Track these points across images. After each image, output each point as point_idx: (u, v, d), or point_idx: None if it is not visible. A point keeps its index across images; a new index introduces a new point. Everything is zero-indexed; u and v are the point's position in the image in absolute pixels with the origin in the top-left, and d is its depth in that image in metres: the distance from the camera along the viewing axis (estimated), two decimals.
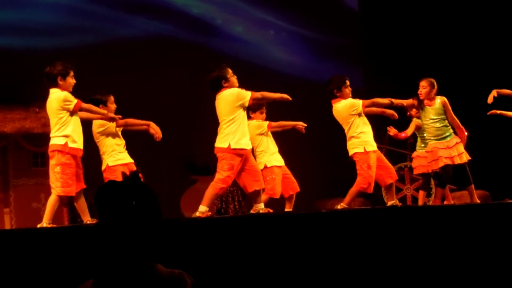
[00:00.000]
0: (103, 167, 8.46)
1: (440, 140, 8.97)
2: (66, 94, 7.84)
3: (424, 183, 9.78)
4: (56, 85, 7.90)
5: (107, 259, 2.75)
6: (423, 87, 9.12)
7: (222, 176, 8.07)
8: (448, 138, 8.99)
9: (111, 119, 8.30)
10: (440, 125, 9.04)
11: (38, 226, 7.76)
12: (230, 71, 8.28)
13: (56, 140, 7.82)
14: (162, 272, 2.80)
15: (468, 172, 9.08)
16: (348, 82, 8.94)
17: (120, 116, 8.35)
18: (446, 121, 9.07)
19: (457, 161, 8.94)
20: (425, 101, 9.08)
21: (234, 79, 8.28)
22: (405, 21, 14.41)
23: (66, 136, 7.78)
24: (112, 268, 2.75)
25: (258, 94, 8.28)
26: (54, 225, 7.86)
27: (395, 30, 14.43)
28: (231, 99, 8.12)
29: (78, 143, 7.89)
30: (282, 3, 14.57)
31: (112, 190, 2.78)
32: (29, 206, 11.42)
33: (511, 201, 8.70)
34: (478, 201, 9.23)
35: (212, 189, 8.07)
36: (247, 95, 8.15)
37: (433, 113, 9.04)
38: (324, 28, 14.75)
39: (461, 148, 9.00)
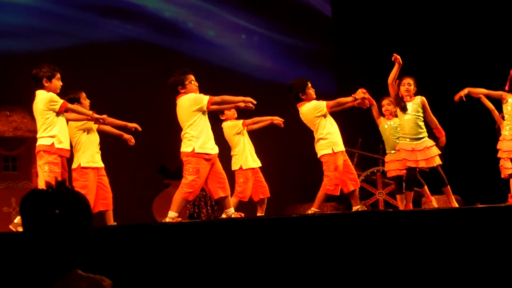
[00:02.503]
0: (75, 165, 8.41)
1: (413, 140, 8.96)
2: (52, 95, 7.84)
3: (398, 187, 9.79)
4: (42, 87, 7.89)
5: (29, 265, 2.73)
6: (410, 84, 9.10)
7: (187, 180, 8.00)
8: (420, 141, 8.96)
9: (97, 120, 8.29)
10: (414, 125, 9.00)
11: (15, 221, 7.71)
12: (190, 77, 8.16)
13: (42, 140, 7.82)
14: (80, 277, 2.76)
15: (442, 174, 9.08)
16: (310, 84, 8.97)
17: (105, 115, 8.31)
18: (422, 122, 9.08)
19: (422, 164, 8.95)
20: (406, 98, 9.06)
21: (192, 86, 8.16)
22: (377, 27, 14.48)
23: (52, 136, 7.79)
24: (32, 274, 2.73)
25: (218, 98, 8.18)
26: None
27: (368, 36, 14.49)
28: (187, 105, 8.06)
29: (64, 143, 7.91)
30: (255, 7, 14.58)
31: (35, 199, 2.74)
32: (0, 210, 11.34)
33: (482, 206, 8.74)
34: (455, 203, 9.23)
35: (179, 194, 8.01)
36: (204, 100, 8.04)
37: (410, 110, 9.02)
38: (297, 33, 14.79)
39: (433, 152, 8.98)
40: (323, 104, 8.83)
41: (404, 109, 9.00)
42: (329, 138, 8.78)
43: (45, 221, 2.69)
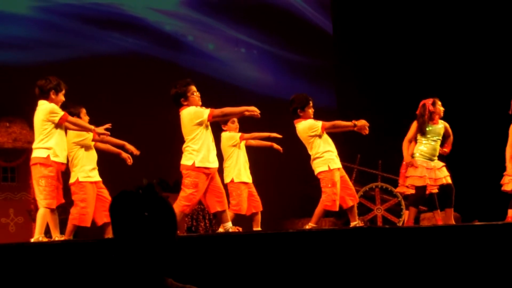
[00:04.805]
0: (72, 180, 8.34)
1: (429, 160, 9.09)
2: (53, 106, 7.79)
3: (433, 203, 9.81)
4: (46, 98, 7.84)
5: (119, 271, 2.72)
6: (441, 105, 9.29)
7: (185, 193, 7.98)
8: (433, 162, 9.13)
9: (100, 135, 8.22)
10: (436, 147, 9.26)
11: (32, 240, 7.66)
12: (192, 88, 8.12)
13: (38, 152, 7.75)
14: (172, 286, 2.75)
15: (453, 195, 9.18)
16: (311, 103, 8.95)
17: (108, 133, 8.24)
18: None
19: (431, 183, 9.06)
20: (436, 118, 9.25)
21: (194, 97, 8.11)
22: (377, 44, 14.53)
23: (48, 148, 7.71)
24: (123, 281, 2.71)
25: (218, 111, 8.13)
26: (48, 239, 7.76)
27: (368, 52, 14.54)
28: (188, 118, 8.04)
29: (60, 157, 7.82)
30: (255, 22, 14.64)
31: (124, 200, 2.73)
32: None
33: (480, 223, 8.75)
34: (453, 222, 9.32)
35: (176, 207, 7.92)
36: (204, 113, 8.01)
37: (437, 133, 9.25)
38: (297, 48, 14.85)
39: (442, 172, 9.14)
40: (318, 125, 8.80)
41: (429, 132, 9.18)
42: (324, 156, 8.77)
43: (135, 223, 2.69)
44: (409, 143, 9.33)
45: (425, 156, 9.15)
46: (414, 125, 9.29)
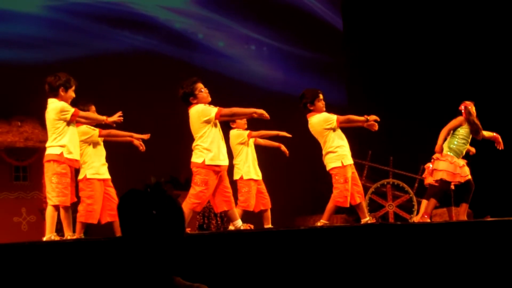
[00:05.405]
0: (81, 176, 8.38)
1: (458, 157, 9.18)
2: (63, 104, 7.77)
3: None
4: (56, 95, 7.83)
5: (127, 270, 2.73)
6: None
7: (195, 191, 7.93)
8: (460, 159, 9.31)
9: (113, 123, 8.25)
10: (467, 147, 9.41)
11: (44, 239, 7.67)
12: (198, 86, 8.07)
13: (51, 150, 7.75)
14: (180, 285, 2.76)
15: (471, 192, 9.24)
16: (321, 96, 8.89)
17: (120, 112, 8.27)
18: None
19: (458, 179, 9.19)
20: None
21: (203, 94, 8.07)
22: (388, 40, 14.52)
23: (62, 146, 7.71)
24: (131, 279, 2.72)
25: (227, 111, 8.07)
26: (60, 237, 7.76)
27: (378, 48, 14.53)
28: (196, 116, 8.00)
29: (74, 154, 7.83)
30: (265, 19, 14.64)
31: (133, 198, 2.75)
32: (10, 220, 11.37)
33: (492, 219, 8.73)
34: (465, 217, 9.33)
35: (186, 205, 7.89)
36: (212, 112, 7.96)
37: (470, 135, 9.40)
38: (307, 45, 14.84)
39: (466, 170, 9.30)
40: (333, 118, 8.75)
41: (468, 133, 9.33)
42: (338, 151, 8.72)
43: (143, 222, 2.71)
44: (446, 134, 9.31)
45: (456, 153, 9.19)
46: (459, 120, 9.32)
